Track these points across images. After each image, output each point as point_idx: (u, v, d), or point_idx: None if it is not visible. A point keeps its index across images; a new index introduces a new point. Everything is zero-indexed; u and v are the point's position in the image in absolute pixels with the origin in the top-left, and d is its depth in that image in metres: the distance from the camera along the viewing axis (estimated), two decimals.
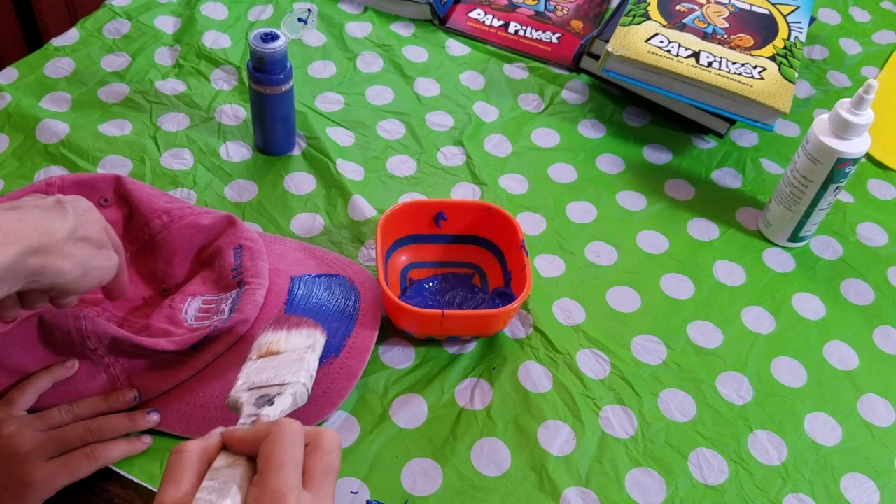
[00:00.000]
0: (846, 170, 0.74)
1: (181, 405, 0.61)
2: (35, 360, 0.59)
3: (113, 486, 0.59)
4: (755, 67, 0.85)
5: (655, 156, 0.89)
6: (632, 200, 0.84)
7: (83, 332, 0.59)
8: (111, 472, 0.59)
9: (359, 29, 0.99)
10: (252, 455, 0.43)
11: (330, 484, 0.43)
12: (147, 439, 0.60)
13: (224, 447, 0.44)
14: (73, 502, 0.58)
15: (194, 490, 0.41)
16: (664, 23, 0.89)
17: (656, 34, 0.87)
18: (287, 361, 0.54)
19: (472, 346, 0.69)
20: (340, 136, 0.86)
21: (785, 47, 0.88)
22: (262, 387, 0.51)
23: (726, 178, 0.87)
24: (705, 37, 0.88)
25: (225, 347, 0.61)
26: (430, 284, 0.74)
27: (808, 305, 0.76)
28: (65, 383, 0.60)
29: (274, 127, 0.81)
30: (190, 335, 0.60)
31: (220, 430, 0.45)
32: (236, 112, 0.87)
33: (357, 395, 0.65)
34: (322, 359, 0.64)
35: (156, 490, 0.58)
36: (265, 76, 0.76)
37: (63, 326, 0.59)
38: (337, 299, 0.67)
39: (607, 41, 0.87)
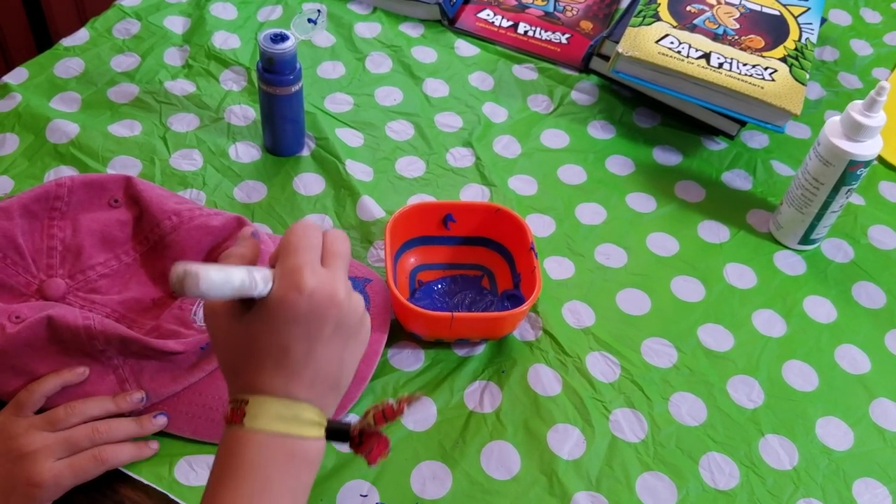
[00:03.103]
0: (858, 172, 0.73)
1: (190, 407, 0.61)
2: (44, 360, 0.59)
3: (123, 488, 0.59)
4: (766, 69, 0.84)
5: (665, 157, 0.88)
6: (641, 202, 0.83)
7: (92, 332, 0.59)
8: (121, 474, 0.59)
9: (367, 29, 0.99)
10: None
11: (340, 263, 0.49)
12: (154, 445, 0.60)
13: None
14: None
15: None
16: (674, 24, 0.89)
17: (666, 35, 0.87)
18: None
19: (481, 349, 0.69)
20: (349, 137, 0.86)
21: (796, 49, 0.88)
22: None
23: (737, 179, 0.87)
24: (716, 38, 0.88)
25: None
26: (439, 286, 0.73)
27: (820, 309, 0.75)
28: (73, 385, 0.59)
29: (283, 128, 0.81)
30: (199, 337, 0.60)
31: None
32: (245, 113, 0.87)
33: (367, 396, 0.65)
34: None
35: (165, 492, 0.59)
36: (275, 77, 0.76)
37: (72, 327, 0.59)
38: None
39: (617, 42, 0.87)
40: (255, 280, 0.46)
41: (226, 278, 0.44)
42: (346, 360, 0.50)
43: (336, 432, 0.50)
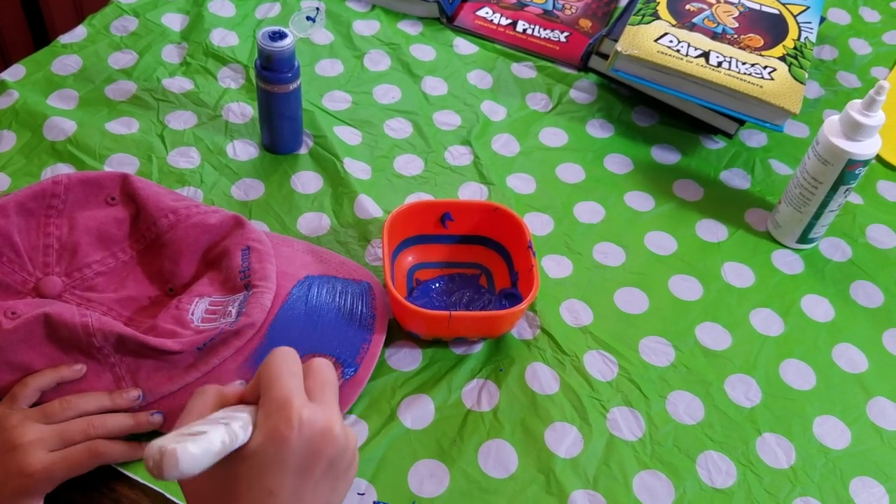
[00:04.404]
0: (856, 171, 0.73)
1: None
2: (40, 357, 0.59)
3: (120, 487, 0.59)
4: (765, 68, 0.84)
5: (664, 156, 0.88)
6: (640, 201, 0.83)
7: (89, 329, 0.59)
8: (118, 473, 0.59)
9: (366, 27, 0.99)
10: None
11: (330, 393, 0.45)
12: None
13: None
14: (79, 501, 0.58)
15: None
16: (674, 22, 0.89)
17: (666, 34, 0.87)
18: None
19: (479, 347, 0.69)
20: (348, 135, 0.86)
21: (795, 48, 0.88)
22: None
23: (735, 178, 0.87)
24: (715, 37, 0.87)
25: (231, 351, 0.61)
26: (437, 285, 0.73)
27: (817, 308, 0.75)
28: (69, 382, 0.59)
29: (281, 126, 0.81)
30: (196, 336, 0.60)
31: (239, 382, 0.48)
32: (243, 110, 0.87)
33: (365, 397, 0.65)
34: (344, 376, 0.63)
35: (162, 492, 0.58)
36: (273, 75, 0.76)
37: (69, 323, 0.58)
38: (347, 306, 0.67)
39: (616, 40, 0.87)
40: (236, 433, 0.41)
41: (206, 449, 0.39)
42: (334, 502, 0.46)
43: None
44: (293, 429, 0.42)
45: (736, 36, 0.88)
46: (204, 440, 0.39)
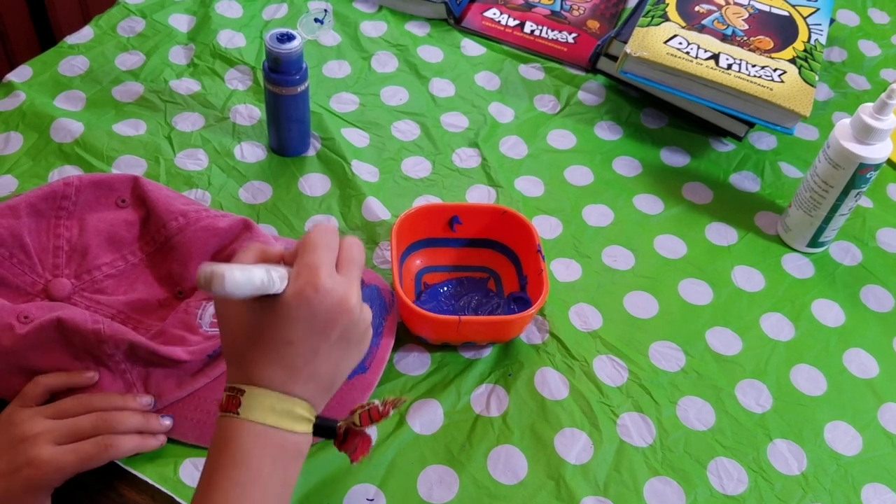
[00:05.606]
0: (867, 175, 0.73)
1: (195, 413, 0.60)
2: (52, 362, 0.59)
3: (129, 491, 0.59)
4: (775, 70, 0.84)
5: (673, 158, 0.88)
6: (649, 204, 0.83)
7: (101, 336, 0.58)
8: (126, 475, 0.59)
9: (373, 28, 0.98)
10: None
11: (356, 270, 0.50)
12: (161, 437, 0.60)
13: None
14: (85, 502, 0.58)
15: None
16: (683, 24, 0.88)
17: (675, 35, 0.86)
18: None
19: (487, 352, 0.69)
20: (355, 137, 0.86)
21: (805, 50, 0.87)
22: None
23: (745, 181, 0.86)
24: (725, 38, 0.87)
25: None
26: (445, 289, 0.73)
27: (828, 312, 0.75)
28: (81, 388, 0.59)
29: (289, 128, 0.81)
30: (205, 344, 0.60)
31: (282, 245, 0.53)
32: (251, 112, 0.87)
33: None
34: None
35: (170, 493, 0.58)
36: (281, 77, 0.76)
37: (82, 330, 0.58)
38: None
39: (625, 42, 0.86)
40: (273, 279, 0.47)
41: (248, 278, 0.46)
42: (343, 367, 0.51)
43: (323, 429, 0.52)
44: (317, 291, 0.47)
45: (745, 38, 0.88)
46: (247, 271, 0.46)
